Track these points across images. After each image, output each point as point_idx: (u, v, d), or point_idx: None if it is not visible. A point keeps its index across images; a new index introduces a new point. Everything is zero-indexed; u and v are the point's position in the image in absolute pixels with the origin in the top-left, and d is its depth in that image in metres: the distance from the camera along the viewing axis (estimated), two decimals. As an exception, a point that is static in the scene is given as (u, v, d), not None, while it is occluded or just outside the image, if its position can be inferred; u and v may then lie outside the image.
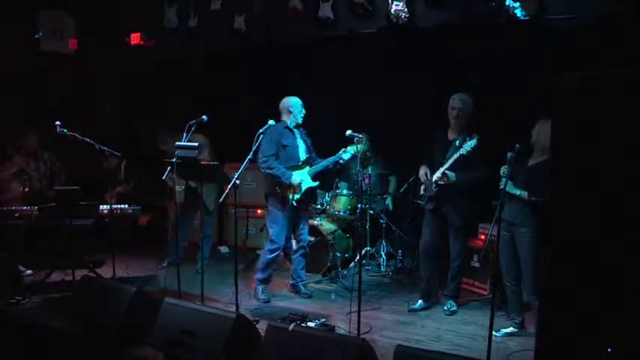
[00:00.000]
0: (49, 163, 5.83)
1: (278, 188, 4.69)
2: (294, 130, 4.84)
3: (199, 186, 4.78)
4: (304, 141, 4.91)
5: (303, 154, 4.84)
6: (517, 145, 3.44)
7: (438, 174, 4.32)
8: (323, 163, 4.82)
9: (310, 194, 4.96)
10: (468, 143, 4.11)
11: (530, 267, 3.79)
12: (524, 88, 5.04)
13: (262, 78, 6.50)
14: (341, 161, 4.80)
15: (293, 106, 4.80)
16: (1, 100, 6.08)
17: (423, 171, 4.51)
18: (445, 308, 4.55)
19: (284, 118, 4.82)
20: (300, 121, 4.83)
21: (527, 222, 3.77)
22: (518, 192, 3.77)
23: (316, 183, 4.87)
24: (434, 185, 4.36)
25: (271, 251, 4.78)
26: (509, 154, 3.57)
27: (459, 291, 4.70)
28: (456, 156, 4.18)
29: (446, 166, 4.24)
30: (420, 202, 4.55)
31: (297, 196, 4.72)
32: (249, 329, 3.39)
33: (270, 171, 4.63)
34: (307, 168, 4.81)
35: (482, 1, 4.69)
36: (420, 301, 4.58)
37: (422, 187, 4.55)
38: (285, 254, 5.58)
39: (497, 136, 3.96)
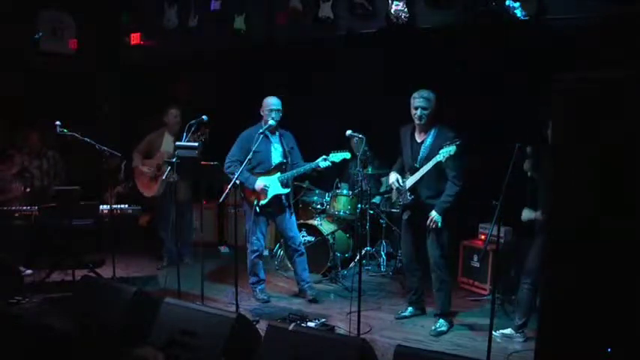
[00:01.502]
0: (52, 161, 5.81)
1: (242, 192, 4.65)
2: (269, 134, 4.62)
3: (180, 183, 4.88)
4: (281, 145, 4.71)
5: (276, 159, 4.66)
6: (517, 145, 3.31)
7: (412, 180, 4.09)
8: (298, 170, 4.61)
9: (281, 200, 4.71)
10: (446, 149, 3.79)
11: None
12: (523, 88, 5.04)
13: (262, 78, 6.49)
14: (318, 169, 4.57)
15: (267, 107, 4.59)
16: (2, 100, 6.07)
17: (394, 177, 4.28)
18: (432, 328, 4.12)
19: (264, 118, 4.63)
20: (273, 123, 4.54)
21: None
22: None
23: (286, 190, 4.65)
24: (409, 193, 4.16)
25: (251, 252, 4.77)
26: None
27: (450, 304, 4.27)
28: (431, 163, 3.90)
29: (421, 173, 4.00)
30: (395, 210, 4.40)
31: (262, 202, 4.60)
32: (249, 329, 3.39)
33: (232, 176, 4.29)
34: (278, 174, 4.63)
35: (483, 1, 4.69)
36: (409, 309, 4.48)
37: (394, 194, 4.37)
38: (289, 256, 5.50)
39: (496, 137, 3.96)
